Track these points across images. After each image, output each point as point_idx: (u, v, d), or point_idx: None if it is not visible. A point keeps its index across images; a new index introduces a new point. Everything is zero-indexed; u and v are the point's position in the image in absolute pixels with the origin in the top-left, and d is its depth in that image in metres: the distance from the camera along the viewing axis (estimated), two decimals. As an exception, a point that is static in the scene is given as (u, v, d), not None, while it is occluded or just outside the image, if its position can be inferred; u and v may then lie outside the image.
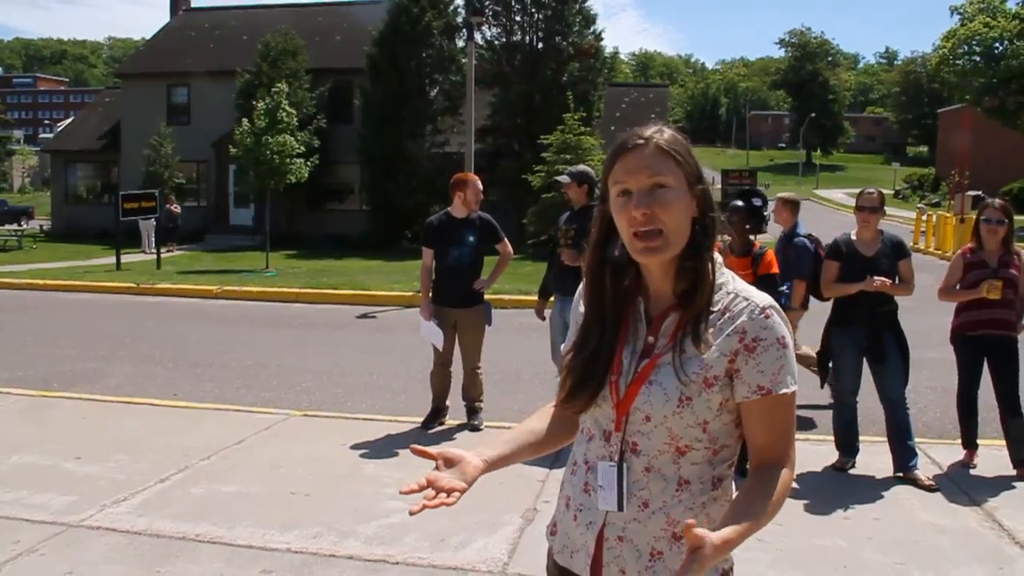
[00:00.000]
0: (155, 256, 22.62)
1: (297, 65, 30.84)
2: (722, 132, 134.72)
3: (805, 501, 5.21)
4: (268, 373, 9.37)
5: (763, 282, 5.58)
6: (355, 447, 6.31)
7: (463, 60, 24.00)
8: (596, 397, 1.80)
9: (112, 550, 4.43)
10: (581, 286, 1.94)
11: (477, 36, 28.68)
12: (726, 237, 5.41)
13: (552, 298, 6.85)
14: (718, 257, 1.80)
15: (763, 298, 1.76)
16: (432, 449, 1.80)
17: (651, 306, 1.82)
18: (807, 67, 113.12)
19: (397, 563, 4.27)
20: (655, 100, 35.54)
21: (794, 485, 5.49)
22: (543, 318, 6.99)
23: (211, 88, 32.92)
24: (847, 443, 5.92)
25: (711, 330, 1.73)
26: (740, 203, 5.77)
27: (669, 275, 1.78)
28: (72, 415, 7.25)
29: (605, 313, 1.83)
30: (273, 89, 21.29)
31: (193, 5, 40.17)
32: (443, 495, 1.70)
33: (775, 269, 5.72)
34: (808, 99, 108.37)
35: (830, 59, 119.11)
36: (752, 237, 5.87)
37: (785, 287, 5.86)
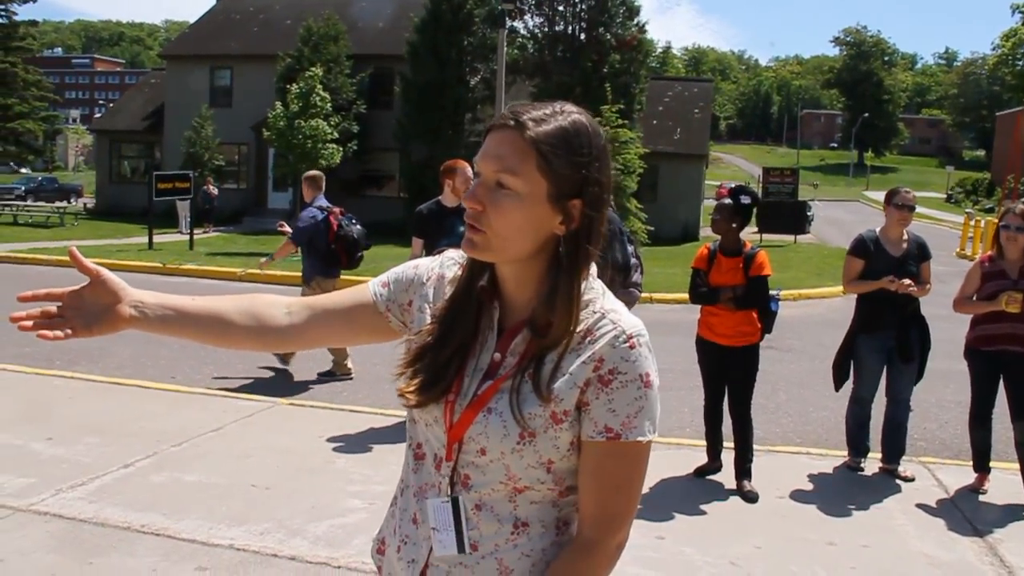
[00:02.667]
0: (189, 237, 22.70)
1: (339, 50, 30.79)
2: (773, 130, 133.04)
3: (789, 522, 4.88)
4: (273, 358, 9.17)
5: (754, 284, 5.26)
6: (332, 439, 6.09)
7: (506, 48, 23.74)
8: (439, 399, 1.50)
9: (52, 537, 4.25)
10: (431, 260, 1.65)
11: (519, 25, 28.44)
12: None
13: None
14: (593, 275, 1.49)
15: (632, 324, 1.45)
16: (93, 266, 1.62)
17: (505, 315, 1.52)
18: (862, 66, 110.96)
19: (339, 567, 4.03)
20: (699, 95, 35.02)
21: (779, 498, 5.17)
22: None
23: (253, 71, 33.07)
24: (859, 443, 5.89)
25: (567, 355, 1.43)
26: (728, 201, 5.40)
27: (522, 284, 1.49)
28: (60, 395, 7.13)
29: (468, 311, 1.52)
30: (307, 73, 21.15)
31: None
32: (54, 330, 1.53)
33: (767, 271, 5.31)
34: (862, 99, 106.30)
35: (886, 59, 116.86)
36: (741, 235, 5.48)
37: (776, 292, 5.47)
